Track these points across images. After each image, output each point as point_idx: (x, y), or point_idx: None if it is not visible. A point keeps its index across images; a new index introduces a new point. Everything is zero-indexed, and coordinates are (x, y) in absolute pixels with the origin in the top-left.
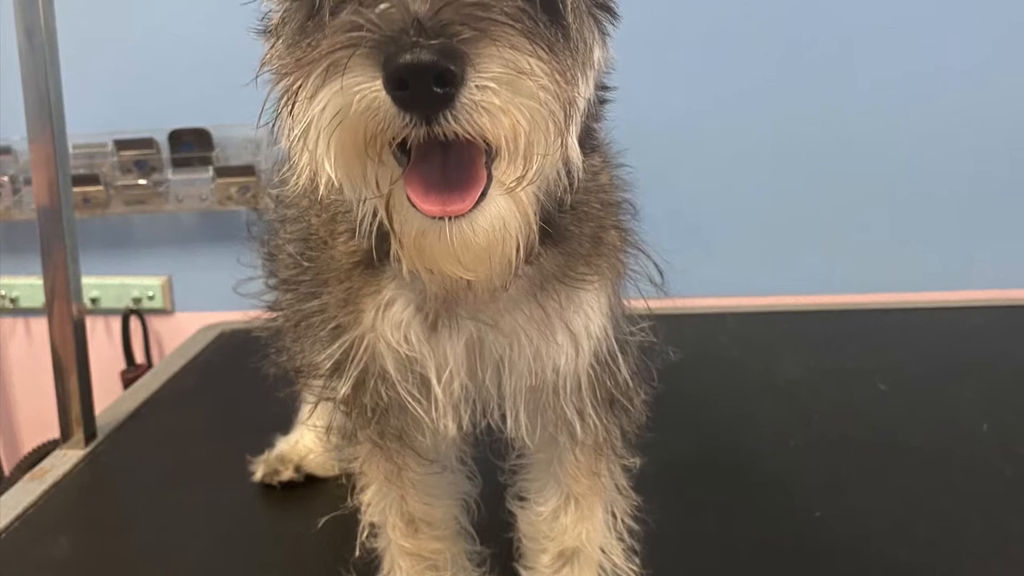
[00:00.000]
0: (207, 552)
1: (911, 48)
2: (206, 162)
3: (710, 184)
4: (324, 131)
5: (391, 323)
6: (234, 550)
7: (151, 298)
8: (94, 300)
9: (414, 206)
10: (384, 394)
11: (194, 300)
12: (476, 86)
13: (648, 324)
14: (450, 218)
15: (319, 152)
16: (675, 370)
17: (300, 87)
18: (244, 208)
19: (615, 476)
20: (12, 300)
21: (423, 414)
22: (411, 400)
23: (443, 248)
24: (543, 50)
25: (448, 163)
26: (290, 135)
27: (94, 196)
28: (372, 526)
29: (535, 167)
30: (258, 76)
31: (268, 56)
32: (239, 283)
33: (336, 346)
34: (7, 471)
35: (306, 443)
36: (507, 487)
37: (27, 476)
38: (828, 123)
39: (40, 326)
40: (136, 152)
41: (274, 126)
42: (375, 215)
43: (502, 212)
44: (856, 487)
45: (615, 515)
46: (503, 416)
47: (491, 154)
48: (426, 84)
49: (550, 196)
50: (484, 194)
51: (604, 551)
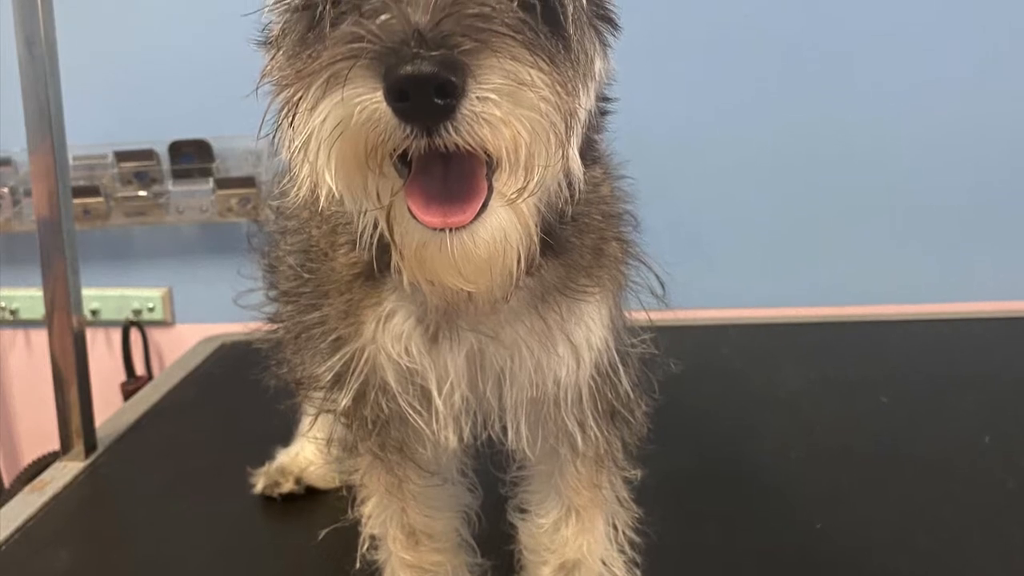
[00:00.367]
0: (207, 564)
1: (911, 58)
2: (206, 174)
3: (711, 195)
4: (325, 143)
5: (392, 335)
6: (235, 562)
7: (151, 310)
8: (94, 312)
9: (415, 218)
10: (385, 406)
11: (194, 312)
12: (477, 97)
13: (649, 336)
14: (451, 230)
15: (320, 164)
16: (676, 382)
17: (301, 98)
18: (244, 220)
19: (616, 488)
20: (12, 312)
21: (424, 426)
22: (412, 412)
23: (444, 260)
24: (544, 61)
25: (449, 175)
26: (291, 147)
27: (94, 208)
28: (373, 538)
29: (536, 179)
30: (258, 87)
31: (268, 67)
32: (239, 295)
33: (337, 358)
34: (7, 483)
35: (307, 455)
36: (508, 499)
37: (27, 488)
38: (829, 134)
39: (40, 338)
40: (136, 163)
41: (275, 138)
42: (376, 227)
43: (503, 224)
44: (857, 499)
45: (616, 527)
46: (504, 428)
47: (492, 166)
48: (427, 95)
49: (551, 208)
50: (485, 206)
51: (605, 563)
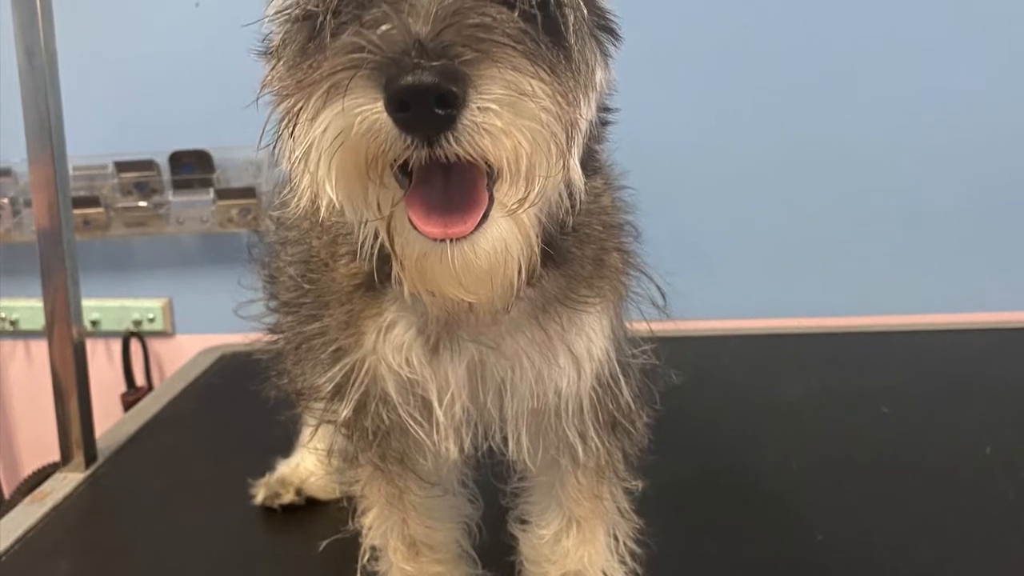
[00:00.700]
0: (208, 575)
1: (914, 69)
2: (207, 184)
3: (712, 206)
4: (325, 153)
5: (392, 346)
6: (235, 573)
7: (152, 320)
8: (94, 322)
9: (415, 228)
10: (385, 417)
11: (195, 322)
12: (478, 108)
13: (650, 346)
14: (452, 240)
15: (320, 174)
16: (677, 392)
17: (301, 109)
18: (245, 230)
19: (617, 499)
20: (12, 322)
21: (424, 437)
22: (412, 423)
23: (444, 270)
24: (545, 71)
25: (450, 185)
26: (291, 157)
27: (94, 218)
28: (373, 549)
29: (537, 189)
30: (259, 98)
31: (269, 78)
32: (240, 305)
33: (337, 369)
34: (7, 494)
35: (307, 466)
36: (509, 510)
37: (27, 499)
38: (830, 144)
39: (40, 348)
40: (136, 174)
41: (275, 148)
42: (376, 237)
43: (504, 234)
44: (859, 509)
45: (617, 538)
46: (505, 439)
47: (493, 176)
48: (428, 106)
49: (552, 218)
50: (486, 216)
51: (606, 574)
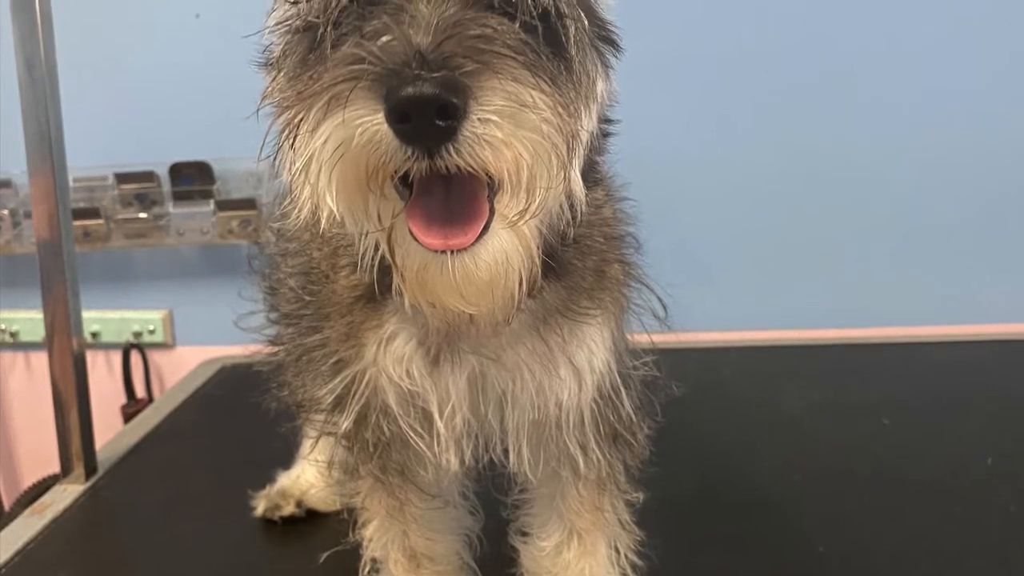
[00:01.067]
0: None
1: (915, 79)
2: (207, 195)
3: (713, 218)
4: (326, 164)
5: (393, 357)
6: None
7: (152, 332)
8: (95, 334)
9: (416, 240)
10: (386, 429)
11: (195, 334)
12: (478, 119)
13: (651, 358)
14: (452, 252)
15: (321, 185)
16: (678, 404)
17: (302, 120)
18: (245, 242)
19: (618, 511)
20: (12, 334)
21: (425, 449)
22: (413, 435)
23: (445, 282)
24: (546, 83)
25: (450, 196)
26: (291, 168)
27: (94, 230)
28: (374, 561)
29: (538, 201)
30: (259, 109)
31: (269, 89)
32: (240, 317)
33: (338, 380)
34: (7, 506)
35: (307, 478)
36: (510, 522)
37: (27, 511)
38: (831, 156)
39: (40, 360)
40: (137, 185)
41: (275, 159)
42: (377, 249)
43: (504, 246)
44: (859, 521)
45: (618, 550)
46: (505, 451)
47: (493, 187)
48: (428, 117)
49: (553, 230)
50: (486, 228)
51: None
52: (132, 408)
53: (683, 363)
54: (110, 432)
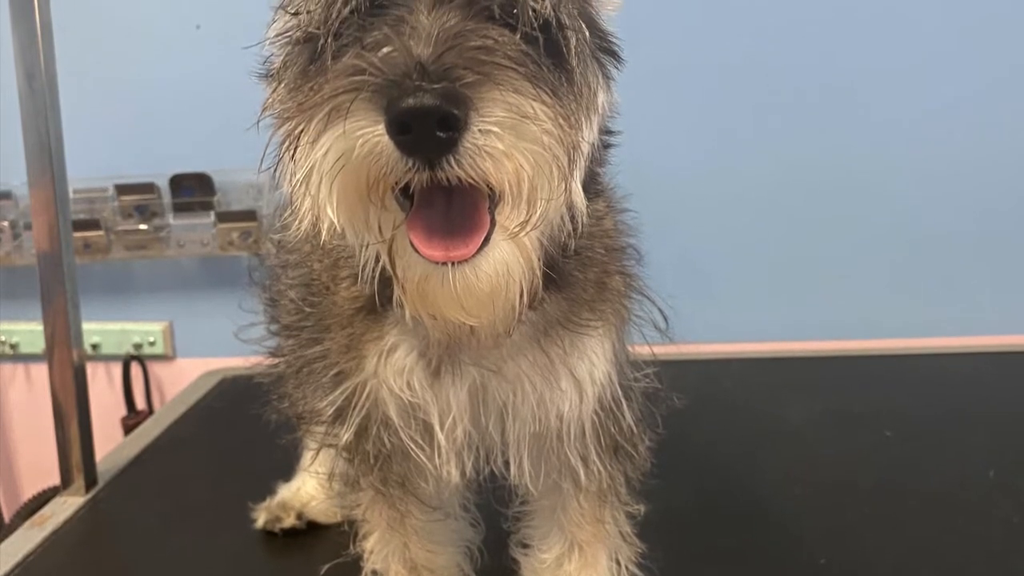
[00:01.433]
0: None
1: (915, 92)
2: (207, 207)
3: (714, 229)
4: (326, 176)
5: (394, 369)
6: None
7: (152, 344)
8: (95, 346)
9: (417, 251)
10: (387, 441)
11: (195, 346)
12: (479, 130)
13: (652, 370)
14: (453, 263)
15: (321, 197)
16: (679, 416)
17: (302, 131)
18: (246, 253)
19: (619, 523)
20: (12, 346)
21: (426, 461)
22: (414, 447)
23: (446, 293)
24: (547, 94)
25: (451, 208)
26: (292, 180)
27: (95, 241)
28: (375, 573)
29: (539, 212)
30: (260, 120)
31: (270, 100)
32: (241, 329)
33: (338, 392)
34: (7, 518)
35: (308, 490)
36: (510, 534)
37: (27, 523)
38: (833, 168)
39: (40, 372)
40: (137, 197)
41: (276, 171)
42: (378, 260)
43: (505, 257)
44: (861, 533)
45: (619, 562)
46: (506, 463)
47: (494, 199)
48: (429, 128)
49: (554, 241)
50: (487, 239)
51: None
52: (132, 420)
53: (684, 375)
54: (110, 444)
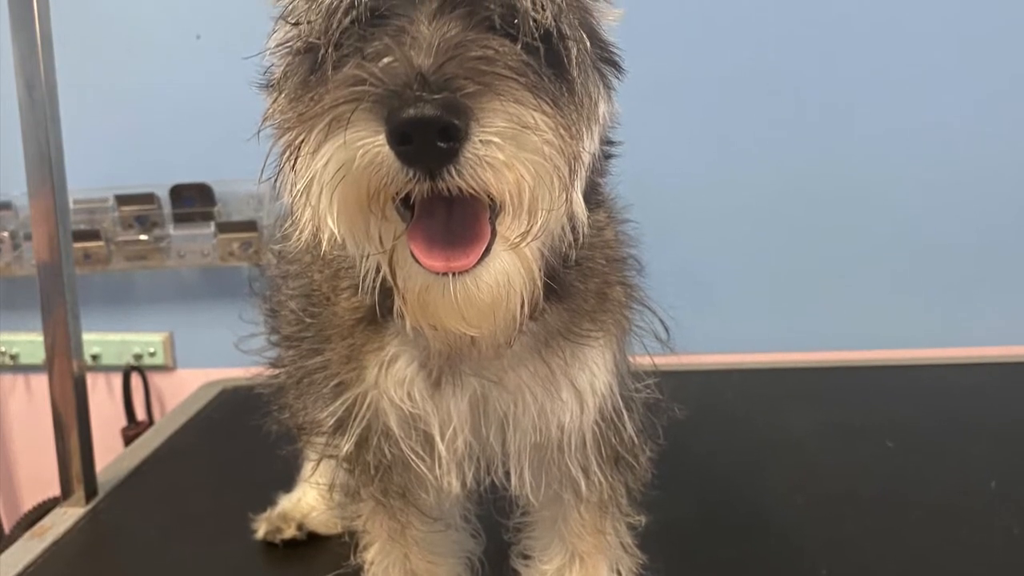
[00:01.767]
0: None
1: (914, 104)
2: (208, 217)
3: (715, 240)
4: (327, 186)
5: (394, 380)
6: None
7: (152, 354)
8: (95, 356)
9: (417, 262)
10: (387, 451)
11: (196, 356)
12: (480, 141)
13: (653, 381)
14: (454, 274)
15: (322, 207)
16: (680, 427)
17: (303, 142)
18: (246, 264)
19: (620, 534)
20: (12, 356)
21: (427, 471)
22: (414, 457)
23: (447, 304)
24: (548, 104)
25: (452, 218)
26: (292, 190)
27: (95, 252)
28: None
29: (540, 222)
30: (260, 131)
31: (270, 110)
32: (241, 339)
33: (339, 403)
34: (7, 529)
35: (308, 501)
36: (511, 545)
37: (27, 534)
38: (833, 179)
39: (40, 383)
40: (137, 207)
41: (276, 181)
42: (378, 271)
43: (506, 268)
44: (863, 544)
45: (620, 573)
46: (507, 473)
47: (495, 209)
48: (430, 139)
49: (555, 252)
50: (488, 250)
51: None
52: (132, 431)
53: (685, 385)
54: (110, 455)
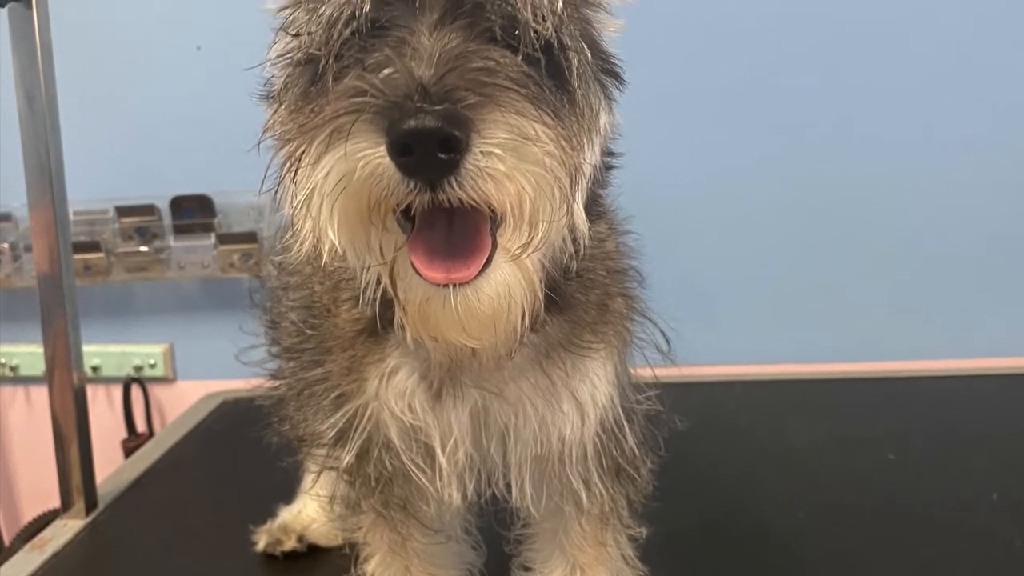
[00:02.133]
0: None
1: (916, 115)
2: (208, 229)
3: (717, 251)
4: (327, 198)
5: (395, 392)
6: None
7: (152, 366)
8: (95, 368)
9: (418, 273)
10: (388, 463)
11: (196, 368)
12: (481, 152)
13: (655, 392)
14: (454, 285)
15: (322, 219)
16: (682, 439)
17: (303, 153)
18: (246, 275)
19: (621, 546)
20: (12, 368)
21: (427, 483)
22: (415, 469)
23: (447, 316)
24: (549, 116)
25: (453, 230)
26: (293, 202)
27: (95, 263)
28: None
29: (540, 234)
30: (261, 142)
31: (271, 122)
32: (241, 351)
33: (339, 415)
34: (7, 541)
35: (309, 513)
36: (512, 557)
37: (27, 546)
38: (835, 190)
39: (40, 394)
40: (137, 219)
41: (277, 193)
42: (379, 282)
43: (507, 279)
44: (864, 556)
45: None
46: (508, 485)
47: (496, 221)
48: (431, 150)
49: (555, 263)
50: (489, 261)
51: None
52: (133, 442)
53: (686, 397)
54: (111, 466)
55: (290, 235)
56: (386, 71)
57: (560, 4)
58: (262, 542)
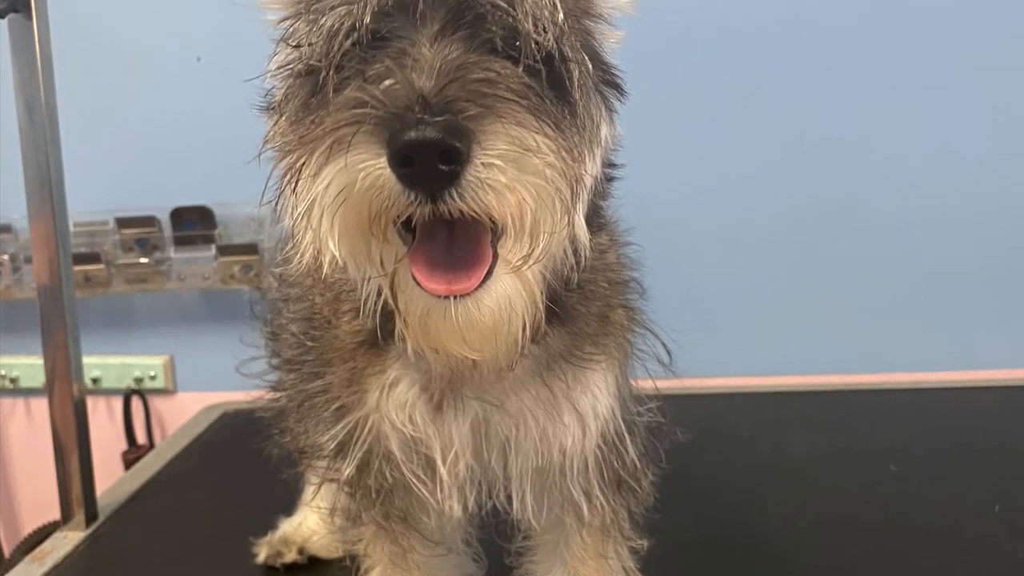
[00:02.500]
0: None
1: (919, 130)
2: (208, 240)
3: (718, 263)
4: (328, 209)
5: (396, 403)
6: None
7: (153, 378)
8: (95, 380)
9: (419, 285)
10: (389, 475)
11: (196, 380)
12: (482, 163)
13: (656, 404)
14: (455, 297)
15: (323, 230)
16: (683, 451)
17: (303, 164)
18: (247, 287)
19: (622, 558)
20: (12, 380)
21: (428, 495)
22: (416, 481)
23: (448, 328)
24: (550, 127)
25: (453, 241)
26: (293, 213)
27: (95, 275)
28: None
29: (541, 246)
30: (261, 153)
31: (271, 133)
32: (242, 363)
33: (340, 427)
34: (7, 553)
35: (310, 524)
36: (513, 569)
37: (27, 558)
38: (836, 203)
39: (40, 406)
40: (138, 230)
41: (277, 204)
42: (379, 294)
43: (508, 291)
44: (866, 569)
45: None
46: (509, 497)
47: (497, 232)
48: (431, 161)
49: (557, 275)
50: (490, 273)
51: None
52: (133, 454)
53: (687, 409)
54: (111, 478)
55: (291, 247)
56: (387, 82)
57: (561, 15)
58: (263, 554)
